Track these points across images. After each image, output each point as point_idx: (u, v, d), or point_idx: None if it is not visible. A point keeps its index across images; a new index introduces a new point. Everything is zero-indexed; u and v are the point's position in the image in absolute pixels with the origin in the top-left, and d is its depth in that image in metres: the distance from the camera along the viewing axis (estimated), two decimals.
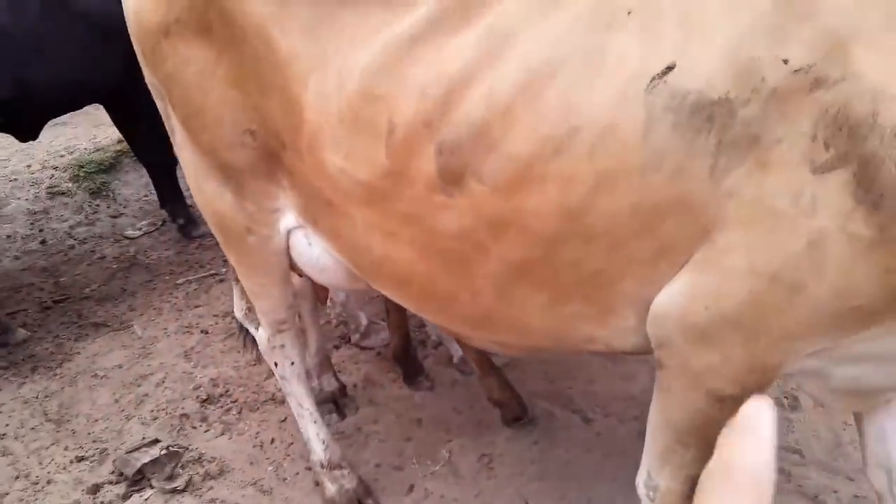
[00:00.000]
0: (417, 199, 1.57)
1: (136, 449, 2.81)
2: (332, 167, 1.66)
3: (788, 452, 2.63)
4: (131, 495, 2.63)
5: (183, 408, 3.13)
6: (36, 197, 5.20)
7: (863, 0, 1.21)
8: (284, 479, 2.68)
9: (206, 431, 2.99)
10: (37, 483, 2.74)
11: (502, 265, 1.56)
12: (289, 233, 2.02)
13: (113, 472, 2.76)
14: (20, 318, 3.90)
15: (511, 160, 1.43)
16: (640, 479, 1.72)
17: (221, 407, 3.13)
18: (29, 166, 5.61)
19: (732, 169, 1.27)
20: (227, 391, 3.23)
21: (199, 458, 2.82)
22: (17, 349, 3.63)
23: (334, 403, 3.02)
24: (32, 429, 3.06)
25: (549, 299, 1.58)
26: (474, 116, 1.44)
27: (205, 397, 3.18)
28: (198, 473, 2.72)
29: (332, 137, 1.63)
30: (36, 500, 2.65)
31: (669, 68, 1.28)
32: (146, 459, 2.72)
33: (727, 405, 1.46)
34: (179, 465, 2.77)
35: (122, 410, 3.16)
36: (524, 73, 1.39)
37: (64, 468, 2.81)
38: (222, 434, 2.96)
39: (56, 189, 5.26)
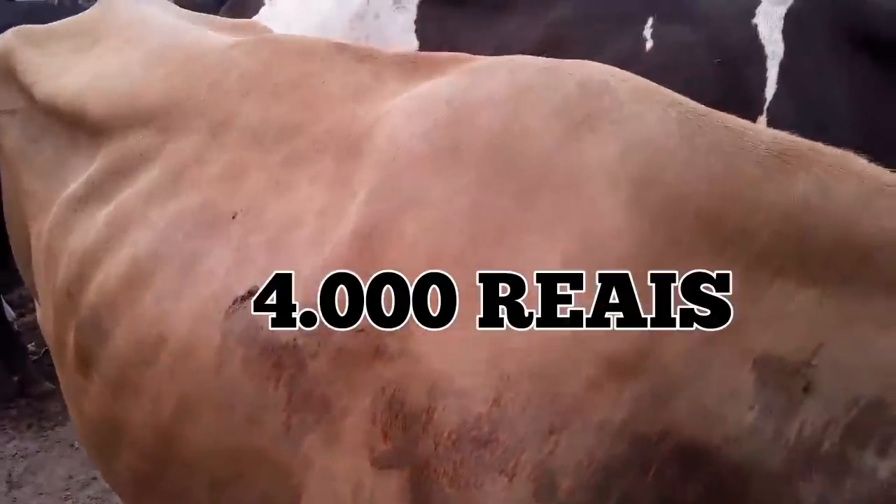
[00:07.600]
0: (69, 373, 1.41)
1: None
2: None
3: None
4: None
5: None
6: None
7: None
8: None
9: None
10: None
11: (129, 471, 1.33)
12: None
13: None
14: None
15: (114, 359, 1.23)
16: None
17: None
18: None
19: (306, 433, 0.98)
20: None
21: None
22: (40, 401, 3.90)
23: None
24: None
25: None
26: (92, 301, 1.28)
27: None
28: None
29: (39, 282, 1.55)
30: None
31: (251, 293, 1.05)
32: None
33: None
34: None
35: (67, 490, 3.20)
36: (130, 267, 1.22)
37: None
38: None
39: None
